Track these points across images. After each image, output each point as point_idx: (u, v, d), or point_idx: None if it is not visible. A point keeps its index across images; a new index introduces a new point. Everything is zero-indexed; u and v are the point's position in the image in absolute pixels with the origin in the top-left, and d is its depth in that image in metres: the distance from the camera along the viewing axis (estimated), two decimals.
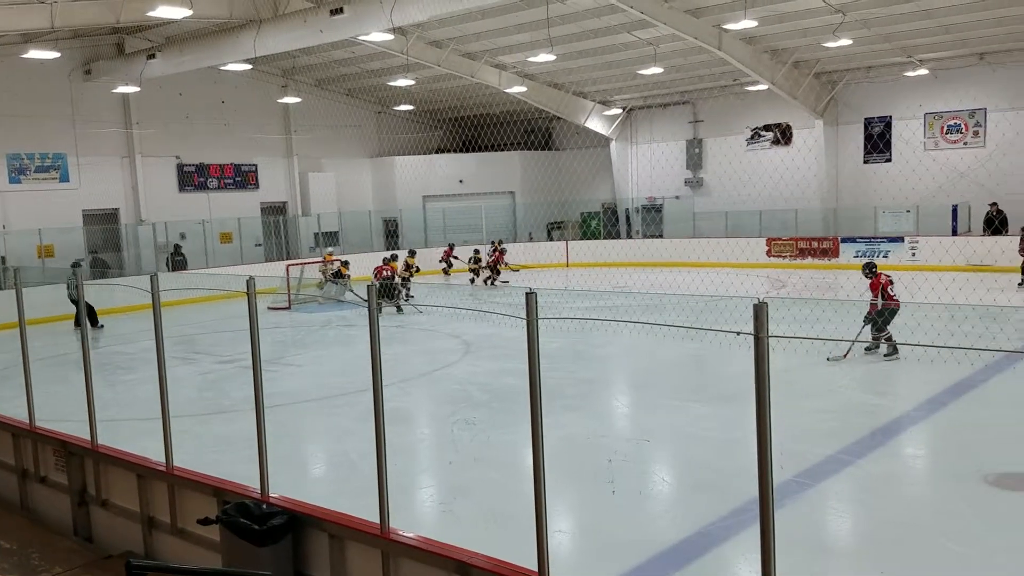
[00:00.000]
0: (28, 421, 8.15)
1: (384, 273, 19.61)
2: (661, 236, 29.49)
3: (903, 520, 6.70)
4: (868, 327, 12.05)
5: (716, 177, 29.13)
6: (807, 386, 10.60)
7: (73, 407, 8.03)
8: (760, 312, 3.44)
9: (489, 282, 24.11)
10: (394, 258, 21.14)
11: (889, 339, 11.89)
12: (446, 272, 25.68)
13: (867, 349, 12.13)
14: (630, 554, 6.18)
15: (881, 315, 11.88)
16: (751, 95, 26.90)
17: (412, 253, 22.48)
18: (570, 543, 6.61)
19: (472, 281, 24.40)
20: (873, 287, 12.27)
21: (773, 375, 3.48)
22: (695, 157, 29.78)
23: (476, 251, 25.15)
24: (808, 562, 5.92)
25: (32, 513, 8.13)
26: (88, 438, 7.38)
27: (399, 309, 18.85)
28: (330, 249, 23.84)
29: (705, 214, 28.47)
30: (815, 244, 25.61)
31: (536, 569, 4.41)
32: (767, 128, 27.86)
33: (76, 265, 18.65)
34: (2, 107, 21.92)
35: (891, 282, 12.37)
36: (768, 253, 26.20)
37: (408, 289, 19.65)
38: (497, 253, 24.39)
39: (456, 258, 25.52)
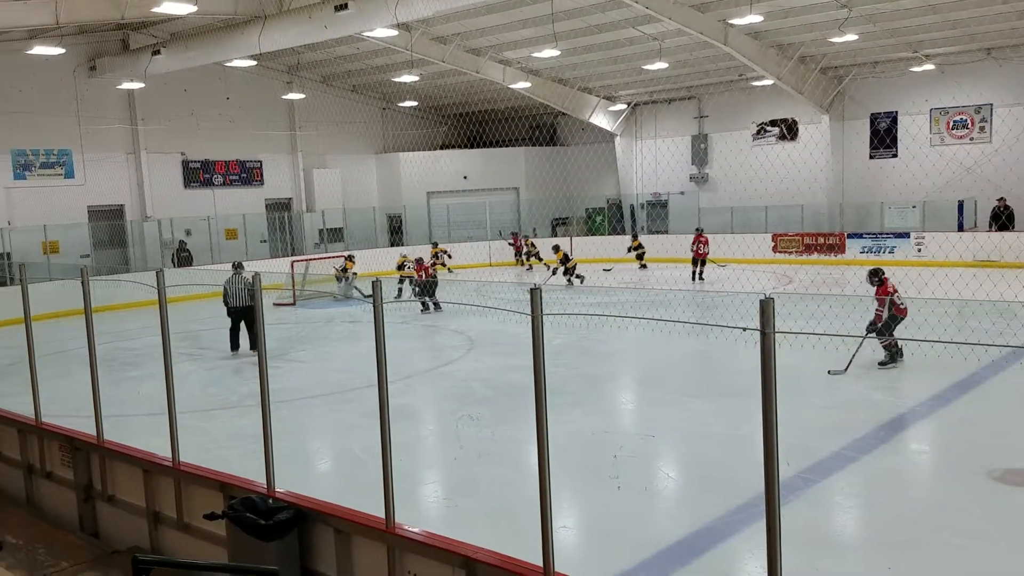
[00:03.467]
0: (34, 417, 8.18)
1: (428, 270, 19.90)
2: (667, 232, 29.44)
3: (908, 515, 6.69)
4: (872, 336, 11.11)
5: (722, 172, 29.05)
6: (813, 382, 10.57)
7: (79, 403, 8.05)
8: (766, 308, 3.43)
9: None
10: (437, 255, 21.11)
11: (888, 347, 11.16)
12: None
13: (881, 364, 11.21)
14: (636, 549, 6.18)
15: (888, 325, 11.16)
16: (757, 90, 26.81)
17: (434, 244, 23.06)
18: (575, 538, 6.61)
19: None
20: (881, 294, 11.38)
21: (779, 371, 3.47)
22: (700, 152, 29.70)
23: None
24: (814, 557, 5.91)
25: (38, 509, 8.15)
26: (94, 434, 7.40)
27: (437, 306, 18.43)
28: (435, 242, 24.27)
29: (711, 210, 28.37)
30: (821, 240, 25.54)
31: (541, 565, 4.41)
32: (773, 123, 27.77)
33: (238, 267, 15.24)
34: (7, 103, 22.00)
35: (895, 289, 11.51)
36: (774, 249, 26.11)
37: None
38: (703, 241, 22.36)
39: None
